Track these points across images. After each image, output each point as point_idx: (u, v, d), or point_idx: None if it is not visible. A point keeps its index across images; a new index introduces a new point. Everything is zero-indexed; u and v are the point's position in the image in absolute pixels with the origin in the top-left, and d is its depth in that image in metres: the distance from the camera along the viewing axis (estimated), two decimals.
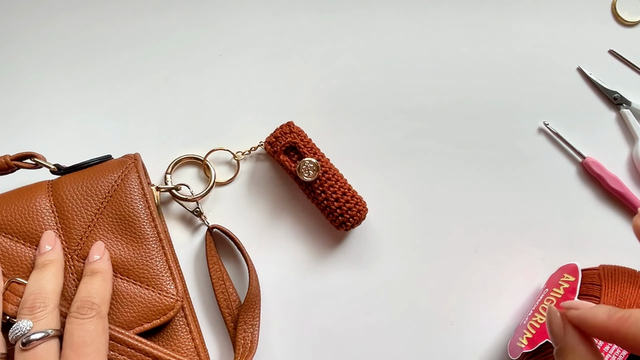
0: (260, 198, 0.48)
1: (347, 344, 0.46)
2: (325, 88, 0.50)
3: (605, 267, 0.43)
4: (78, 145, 0.48)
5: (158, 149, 0.48)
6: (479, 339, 0.46)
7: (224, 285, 0.45)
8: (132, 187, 0.42)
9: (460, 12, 0.52)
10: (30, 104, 0.49)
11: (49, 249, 0.39)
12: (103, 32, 0.51)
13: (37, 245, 0.39)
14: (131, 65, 0.50)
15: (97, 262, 0.39)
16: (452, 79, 0.51)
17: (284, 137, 0.46)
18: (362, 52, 0.51)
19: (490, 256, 0.48)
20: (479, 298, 0.47)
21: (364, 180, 0.48)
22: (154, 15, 0.51)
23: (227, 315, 0.45)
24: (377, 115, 0.50)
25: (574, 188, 0.49)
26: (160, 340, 0.40)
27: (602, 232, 0.48)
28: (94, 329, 0.35)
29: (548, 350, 0.41)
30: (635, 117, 0.50)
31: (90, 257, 0.39)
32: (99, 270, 0.39)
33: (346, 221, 0.45)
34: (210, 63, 0.50)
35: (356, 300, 0.47)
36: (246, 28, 0.51)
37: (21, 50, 0.50)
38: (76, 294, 0.37)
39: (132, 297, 0.40)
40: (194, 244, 0.47)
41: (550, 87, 0.51)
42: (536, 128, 0.50)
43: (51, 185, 0.41)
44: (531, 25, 0.52)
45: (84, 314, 0.35)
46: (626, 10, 0.52)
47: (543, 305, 0.43)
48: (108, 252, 0.40)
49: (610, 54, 0.52)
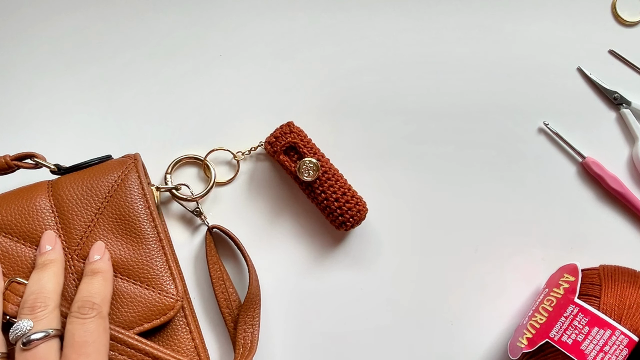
0: (260, 198, 0.48)
1: (347, 343, 0.46)
2: (326, 88, 0.50)
3: (605, 267, 0.43)
4: (78, 145, 0.48)
5: (158, 149, 0.48)
6: (479, 339, 0.46)
7: (224, 285, 0.45)
8: (132, 187, 0.42)
9: (460, 13, 0.52)
10: (31, 104, 0.49)
11: (49, 249, 0.39)
12: (103, 32, 0.51)
13: (37, 245, 0.39)
14: (131, 65, 0.50)
15: (98, 262, 0.39)
16: (452, 79, 0.51)
17: (284, 137, 0.46)
18: (363, 52, 0.51)
19: (490, 256, 0.48)
20: (479, 298, 0.47)
21: (364, 180, 0.48)
22: (154, 15, 0.51)
23: (227, 315, 0.45)
24: (377, 115, 0.50)
25: (574, 188, 0.49)
26: (160, 340, 0.41)
27: (602, 232, 0.48)
28: (95, 329, 0.35)
29: (548, 350, 0.41)
30: (635, 117, 0.50)
31: (90, 257, 0.39)
32: (100, 270, 0.39)
33: (346, 221, 0.45)
34: (211, 63, 0.50)
35: (356, 300, 0.47)
36: (247, 28, 0.51)
37: (21, 50, 0.50)
38: (77, 294, 0.37)
39: (132, 297, 0.40)
40: (194, 244, 0.47)
41: (550, 87, 0.51)
42: (536, 128, 0.50)
43: (51, 185, 0.41)
44: (531, 25, 0.52)
45: (85, 313, 0.35)
46: (626, 10, 0.52)
47: (543, 305, 0.43)
48: (108, 252, 0.40)
49: (610, 54, 0.52)
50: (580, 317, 0.40)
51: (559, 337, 0.40)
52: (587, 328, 0.40)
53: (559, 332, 0.41)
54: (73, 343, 0.34)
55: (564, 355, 0.40)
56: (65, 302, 0.38)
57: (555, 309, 0.42)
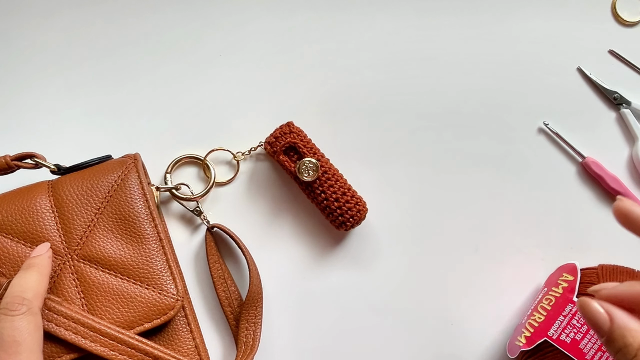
0: (260, 198, 0.48)
1: (347, 343, 0.46)
2: (325, 88, 0.50)
3: (603, 267, 0.43)
4: (78, 145, 0.48)
5: (158, 149, 0.48)
6: (478, 338, 0.46)
7: (226, 284, 0.45)
8: (132, 187, 0.42)
9: (460, 12, 0.52)
10: (31, 104, 0.49)
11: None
12: (103, 32, 0.51)
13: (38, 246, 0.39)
14: (131, 64, 0.50)
15: (35, 257, 0.37)
16: (451, 79, 0.51)
17: (283, 137, 0.46)
18: (363, 51, 0.51)
19: (490, 256, 0.48)
20: (479, 298, 0.47)
21: (364, 180, 0.48)
22: (154, 14, 0.51)
23: (229, 313, 0.45)
24: (377, 115, 0.50)
25: (574, 188, 0.49)
26: (160, 339, 0.41)
27: (602, 232, 0.48)
28: (25, 326, 0.33)
29: (546, 349, 0.41)
30: (635, 117, 0.50)
31: (31, 254, 0.38)
32: (35, 264, 0.37)
33: (346, 221, 0.45)
34: (211, 63, 0.50)
35: (356, 299, 0.47)
36: (246, 28, 0.51)
37: (21, 50, 0.50)
38: (7, 289, 0.35)
39: (133, 297, 0.40)
40: (194, 243, 0.47)
41: (550, 87, 0.51)
42: (536, 128, 0.50)
43: (51, 185, 0.42)
44: (531, 25, 0.52)
45: (13, 309, 0.33)
46: (626, 10, 0.52)
47: (542, 304, 0.43)
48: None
49: (610, 54, 0.52)
50: (578, 315, 0.41)
51: (558, 335, 0.41)
52: (585, 327, 0.40)
53: (558, 331, 0.41)
54: (2, 343, 0.32)
55: (562, 354, 0.40)
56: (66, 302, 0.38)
57: (553, 307, 0.42)
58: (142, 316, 0.39)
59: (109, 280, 0.40)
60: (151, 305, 0.40)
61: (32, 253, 0.38)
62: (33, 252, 0.38)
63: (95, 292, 0.39)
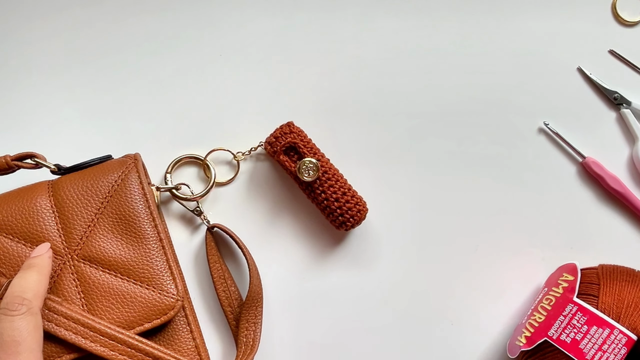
0: (260, 198, 0.48)
1: (347, 343, 0.46)
2: (325, 88, 0.50)
3: (603, 267, 0.43)
4: (78, 145, 0.48)
5: (158, 149, 0.48)
6: (478, 339, 0.47)
7: (226, 284, 0.45)
8: (132, 187, 0.42)
9: (459, 12, 0.52)
10: (31, 104, 0.49)
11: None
12: (103, 31, 0.51)
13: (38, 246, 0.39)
14: (131, 64, 0.50)
15: (36, 258, 0.38)
16: (451, 79, 0.51)
17: (283, 137, 0.46)
18: (362, 51, 0.51)
19: (490, 256, 0.48)
20: (479, 298, 0.47)
21: (364, 180, 0.48)
22: (154, 14, 0.51)
23: (229, 313, 0.45)
24: (377, 115, 0.50)
25: (574, 188, 0.49)
26: (160, 340, 0.41)
27: (602, 232, 0.48)
28: (25, 326, 0.33)
29: (547, 349, 0.41)
30: (635, 117, 0.50)
31: (31, 254, 0.38)
32: (35, 264, 0.37)
33: (346, 221, 0.45)
34: (211, 63, 0.50)
35: (356, 300, 0.47)
36: (246, 28, 0.51)
37: (21, 50, 0.50)
38: (7, 289, 0.35)
39: (133, 297, 0.40)
40: (194, 243, 0.47)
41: (550, 87, 0.51)
42: (536, 128, 0.50)
43: (51, 185, 0.42)
44: (531, 25, 0.52)
45: (13, 309, 0.33)
46: (626, 10, 0.52)
47: (542, 304, 0.43)
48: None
49: (610, 54, 0.52)
50: (579, 316, 0.41)
51: (558, 335, 0.41)
52: (585, 327, 0.40)
53: (558, 331, 0.41)
54: (2, 343, 0.32)
55: (562, 354, 0.40)
56: (65, 301, 0.38)
57: (554, 307, 0.42)
58: (142, 316, 0.39)
59: (109, 280, 0.40)
60: (151, 306, 0.40)
61: (32, 253, 0.38)
62: (33, 252, 0.38)
63: (96, 292, 0.39)
